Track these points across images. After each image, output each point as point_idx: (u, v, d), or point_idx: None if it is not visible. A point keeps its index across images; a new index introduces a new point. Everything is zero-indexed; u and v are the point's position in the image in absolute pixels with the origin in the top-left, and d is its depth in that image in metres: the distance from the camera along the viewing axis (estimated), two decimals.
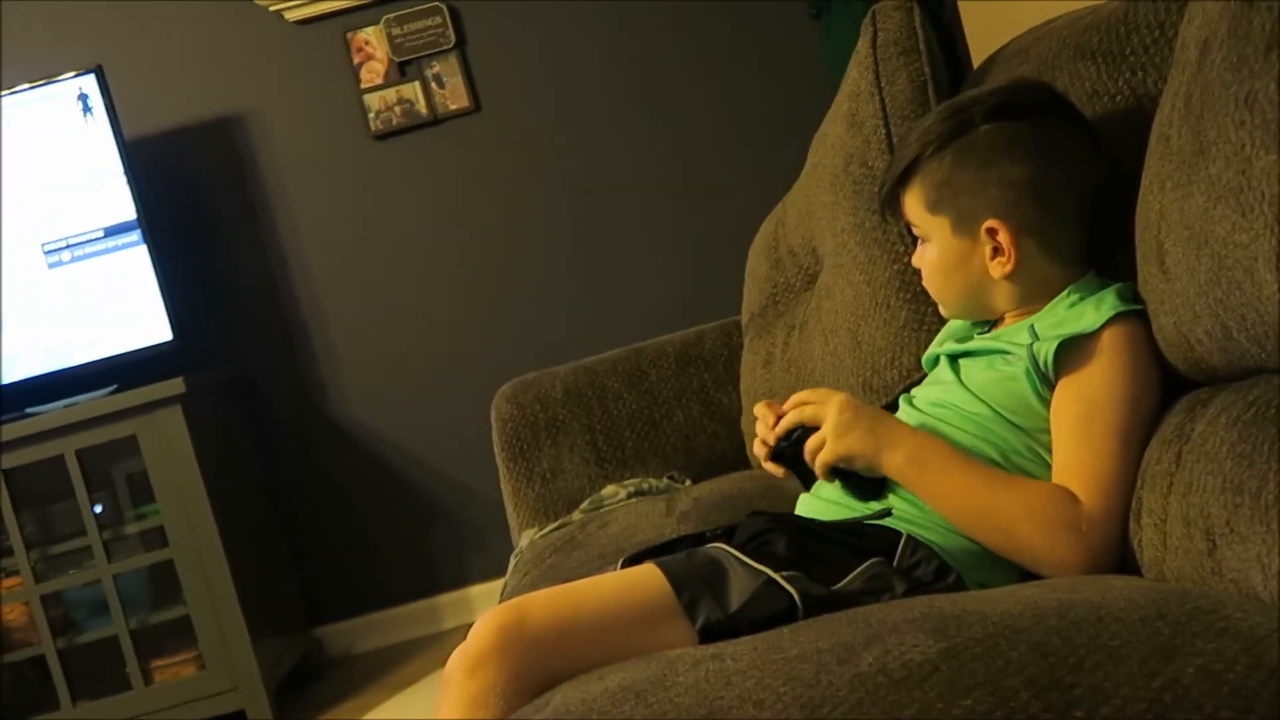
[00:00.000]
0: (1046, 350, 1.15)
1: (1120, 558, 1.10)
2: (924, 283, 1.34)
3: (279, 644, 3.07)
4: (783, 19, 3.30)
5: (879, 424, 1.21)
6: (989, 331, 1.29)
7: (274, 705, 2.85)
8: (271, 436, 3.39)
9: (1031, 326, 1.20)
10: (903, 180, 1.28)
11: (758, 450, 1.30)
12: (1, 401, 2.95)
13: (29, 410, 2.89)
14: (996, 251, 1.21)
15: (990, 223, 1.20)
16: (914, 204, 1.28)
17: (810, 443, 1.23)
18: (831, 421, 1.21)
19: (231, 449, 3.15)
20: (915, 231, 1.31)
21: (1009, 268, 1.21)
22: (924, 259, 1.31)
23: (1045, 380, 1.16)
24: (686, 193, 3.36)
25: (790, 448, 1.25)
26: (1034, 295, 1.23)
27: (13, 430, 2.79)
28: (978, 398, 1.21)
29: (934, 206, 1.25)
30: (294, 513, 3.39)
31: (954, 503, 1.15)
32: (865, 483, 1.21)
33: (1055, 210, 1.20)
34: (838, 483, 1.24)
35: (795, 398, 1.27)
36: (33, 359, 3.00)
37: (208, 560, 2.81)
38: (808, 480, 1.29)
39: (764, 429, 1.28)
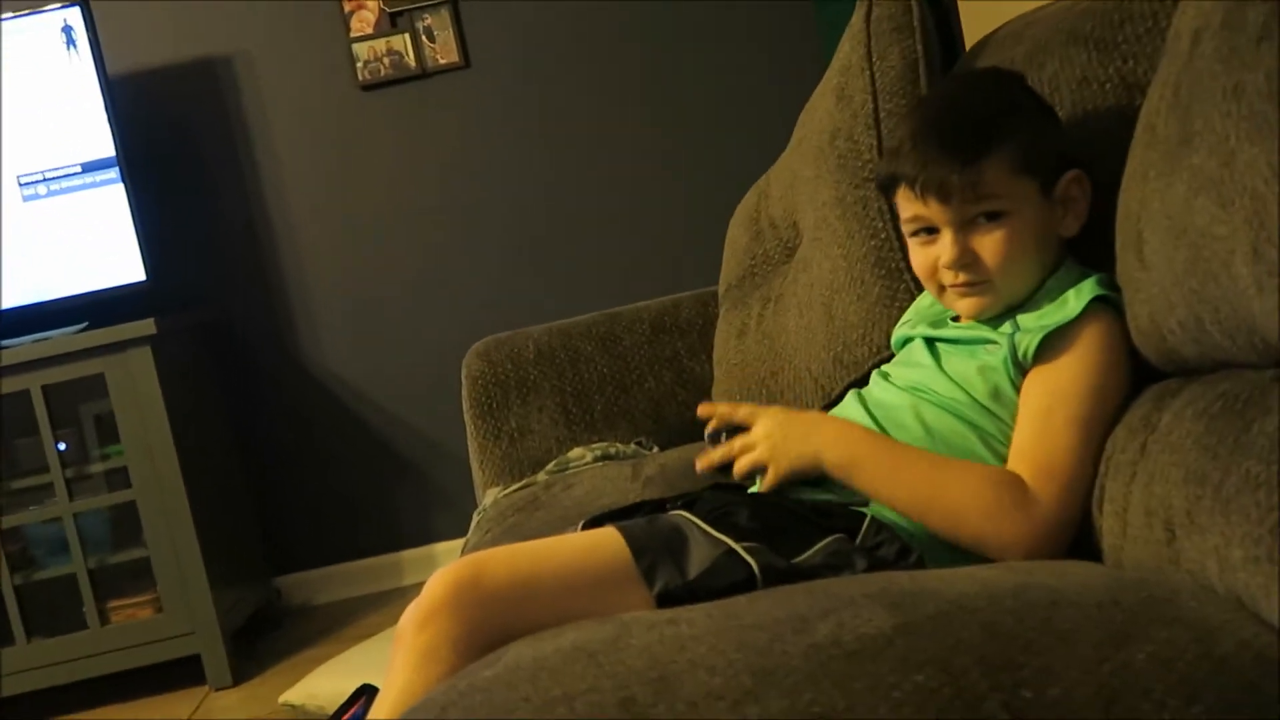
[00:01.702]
0: (1030, 342, 1.15)
1: (1068, 546, 1.10)
2: (983, 272, 1.19)
3: (238, 591, 3.06)
4: None
5: (810, 435, 1.21)
6: (957, 321, 1.29)
7: (230, 652, 2.85)
8: (242, 383, 3.37)
9: (1015, 319, 1.20)
10: (979, 151, 1.16)
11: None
12: None
13: None
14: (1067, 207, 1.19)
15: (1073, 173, 1.18)
16: (998, 172, 1.16)
17: (743, 452, 1.24)
18: (766, 447, 1.22)
19: (200, 393, 3.13)
20: (986, 206, 1.17)
21: (1084, 218, 1.18)
22: (989, 242, 1.18)
23: (1020, 370, 1.16)
24: (672, 161, 3.34)
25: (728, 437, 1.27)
26: (1055, 264, 1.21)
27: None
28: (957, 384, 1.21)
29: (1024, 169, 1.17)
30: (261, 460, 3.38)
31: (897, 493, 1.15)
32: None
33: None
34: None
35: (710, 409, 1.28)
36: (4, 292, 2.97)
37: (170, 503, 2.80)
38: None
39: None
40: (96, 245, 2.97)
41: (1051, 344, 1.14)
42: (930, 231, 1.23)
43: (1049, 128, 1.21)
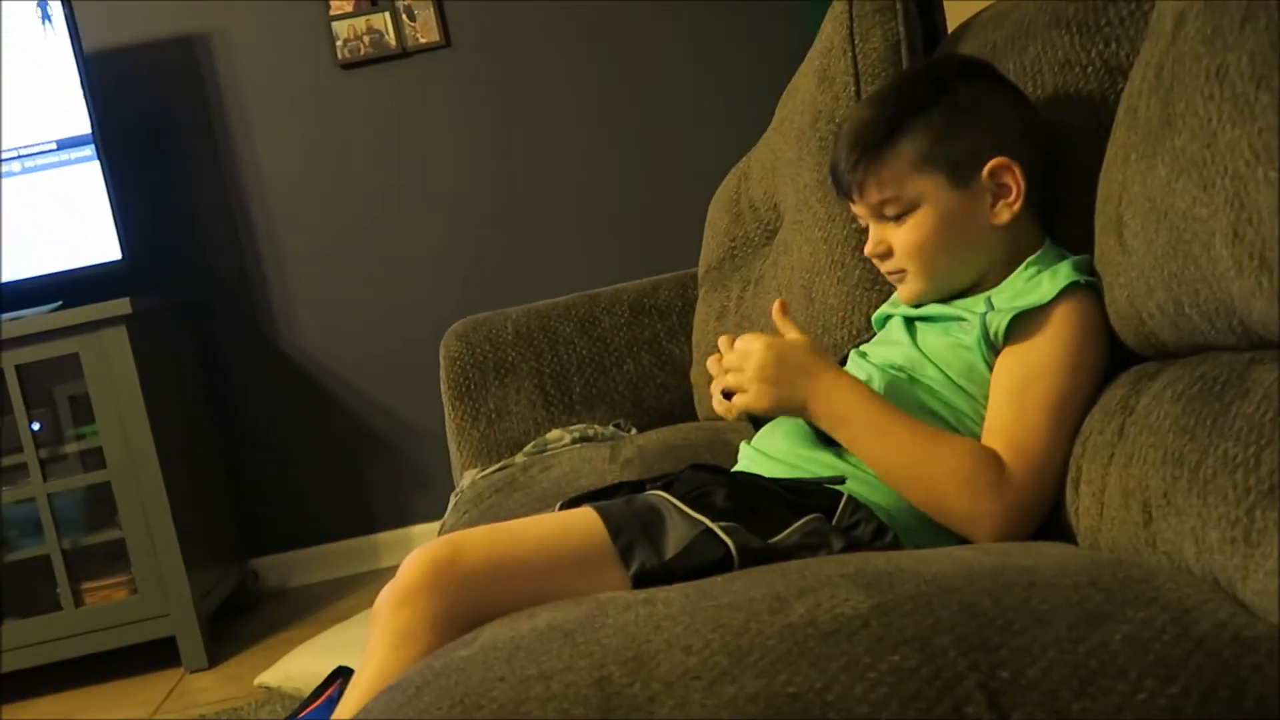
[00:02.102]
0: (999, 322, 1.15)
1: (1037, 526, 1.11)
2: (898, 262, 1.26)
3: (213, 573, 3.04)
4: None
5: (801, 377, 1.19)
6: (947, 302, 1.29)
7: (205, 634, 2.83)
8: (218, 363, 3.35)
9: (988, 298, 1.20)
10: (878, 148, 1.23)
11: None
12: None
13: None
14: (998, 195, 1.20)
15: (995, 161, 1.19)
16: (897, 170, 1.22)
17: (725, 383, 1.23)
18: (749, 381, 1.20)
19: (176, 374, 3.11)
20: (887, 208, 1.24)
21: (1019, 204, 1.19)
22: (911, 230, 1.23)
23: (993, 349, 1.16)
24: (652, 142, 3.33)
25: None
26: (1014, 256, 1.21)
27: None
28: (931, 361, 1.21)
29: (925, 163, 1.21)
30: (236, 442, 3.36)
31: (878, 456, 1.15)
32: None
33: (1037, 154, 1.21)
34: (790, 428, 1.24)
35: (729, 343, 1.26)
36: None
37: (145, 484, 2.78)
38: (757, 422, 1.29)
39: (715, 368, 1.27)
40: (72, 223, 2.94)
41: (1024, 324, 1.14)
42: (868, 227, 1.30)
43: (965, 120, 1.21)
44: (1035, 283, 1.16)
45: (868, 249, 1.29)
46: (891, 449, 1.15)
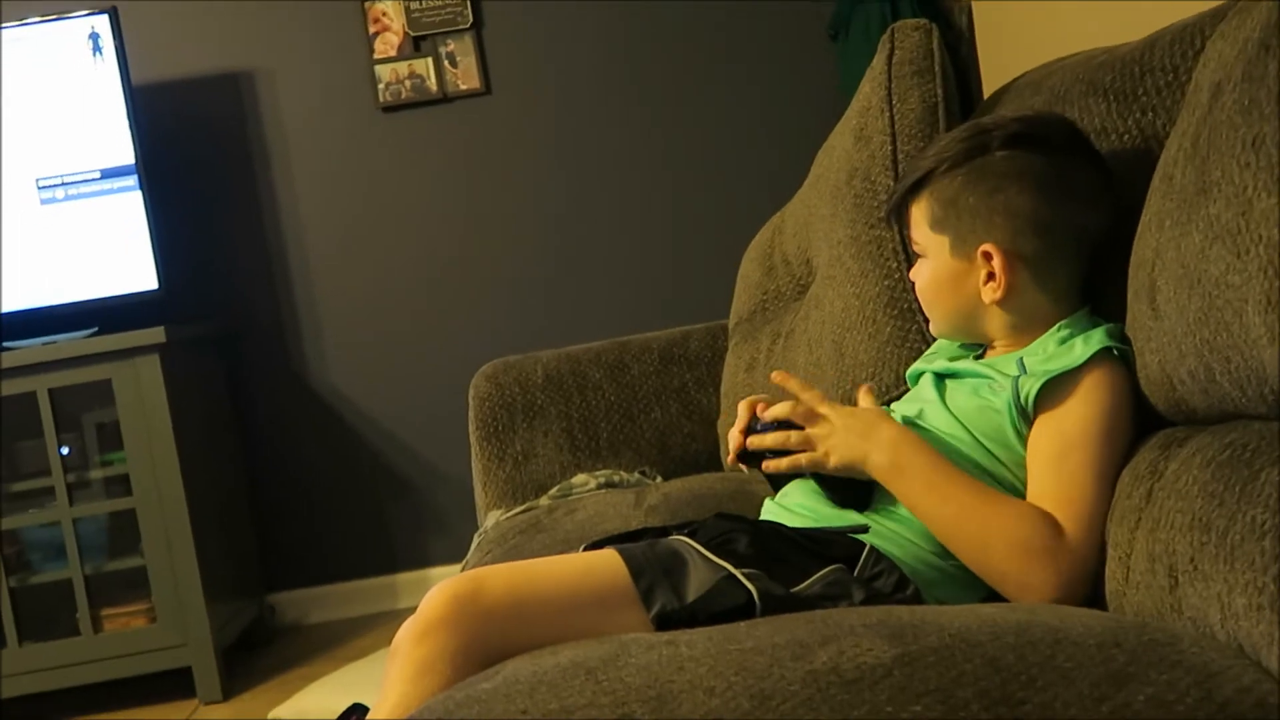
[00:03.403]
0: (1030, 387, 1.15)
1: (1089, 594, 1.09)
2: (918, 296, 1.35)
3: (232, 606, 3.05)
4: (801, 33, 3.31)
5: (867, 431, 1.20)
6: (983, 357, 1.29)
7: (221, 666, 2.83)
8: (247, 397, 3.38)
9: (1020, 359, 1.20)
10: (913, 191, 1.29)
11: (732, 441, 1.30)
12: None
13: (6, 345, 2.87)
14: (990, 277, 1.21)
15: (986, 247, 1.21)
16: (918, 218, 1.29)
17: (787, 442, 1.22)
18: (827, 430, 1.21)
19: (205, 405, 3.13)
20: (914, 247, 1.32)
21: (999, 295, 1.21)
22: (920, 273, 1.31)
23: (1024, 415, 1.16)
24: (688, 195, 3.36)
25: (764, 429, 1.24)
26: (1024, 326, 1.23)
27: None
28: (958, 421, 1.21)
29: (937, 224, 1.26)
30: (261, 475, 3.38)
31: (934, 510, 1.15)
32: (839, 485, 1.21)
33: (1055, 246, 1.20)
34: (807, 488, 1.24)
35: (791, 389, 1.27)
36: (15, 294, 2.98)
37: (169, 513, 2.80)
38: (776, 483, 1.29)
39: (739, 424, 1.28)
40: (111, 251, 2.98)
41: (1055, 390, 1.14)
42: None
43: (981, 194, 1.21)
44: (1068, 346, 1.17)
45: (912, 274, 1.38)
46: (947, 504, 1.14)
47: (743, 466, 1.30)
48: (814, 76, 3.30)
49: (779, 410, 1.24)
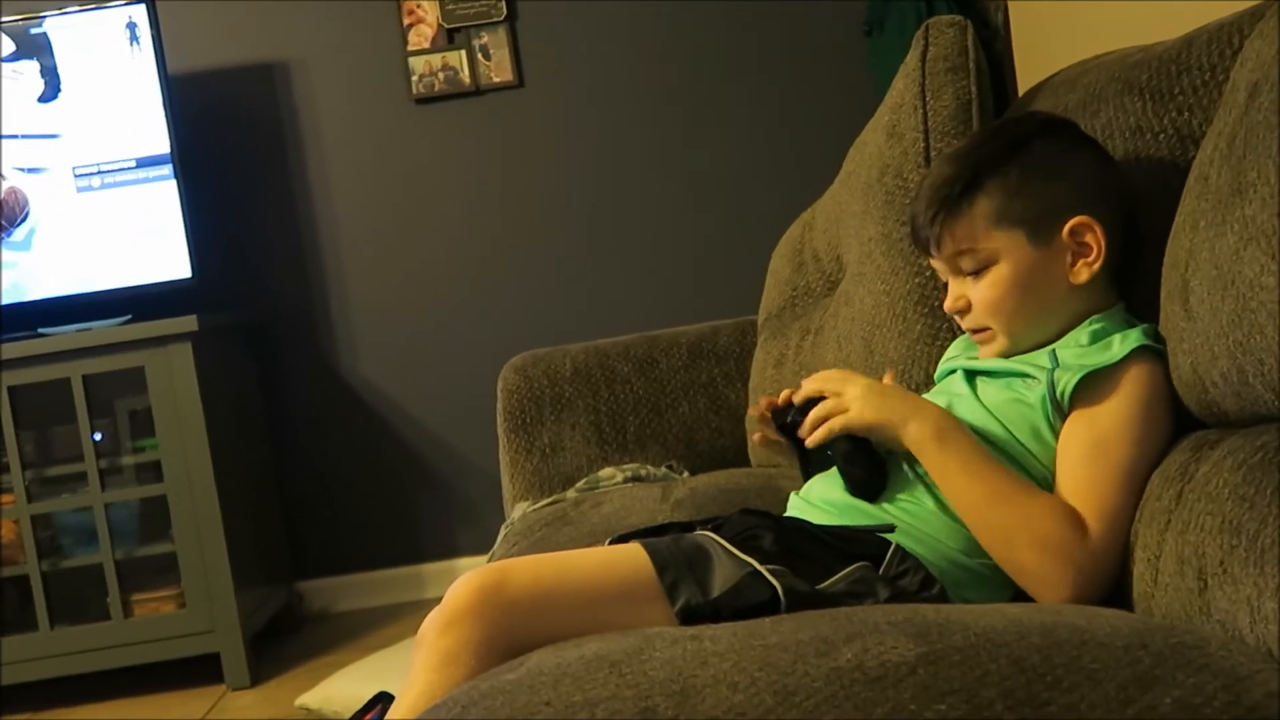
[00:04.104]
0: (1068, 381, 1.14)
1: (1110, 594, 1.09)
2: (978, 319, 1.25)
3: (260, 593, 3.07)
4: (835, 29, 3.30)
5: (908, 398, 1.21)
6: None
7: (249, 652, 2.86)
8: (277, 386, 3.40)
9: (1052, 352, 1.19)
10: (956, 204, 1.22)
11: (755, 418, 1.29)
12: (1, 321, 2.96)
13: (41, 331, 2.90)
14: (1078, 254, 1.19)
15: (1076, 220, 1.17)
16: (976, 224, 1.21)
17: (820, 408, 1.21)
18: (858, 390, 1.20)
19: (236, 393, 3.16)
20: (963, 262, 1.24)
21: (1098, 264, 1.17)
22: (977, 290, 1.23)
23: (1059, 409, 1.15)
24: (718, 189, 3.36)
25: (797, 415, 1.24)
26: (1088, 310, 1.21)
27: (22, 349, 2.80)
28: (993, 416, 1.20)
29: (1006, 218, 1.20)
30: (290, 464, 3.40)
31: (964, 488, 1.14)
32: (860, 466, 1.20)
33: (1119, 215, 1.20)
34: (828, 481, 1.24)
35: (817, 375, 1.27)
36: (51, 281, 3.01)
37: (200, 500, 2.82)
38: (807, 466, 1.29)
39: (765, 404, 1.28)
40: (145, 240, 3.01)
41: (1093, 386, 1.13)
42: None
43: (1045, 177, 1.20)
44: (1105, 343, 1.15)
45: (947, 305, 1.28)
46: (977, 484, 1.13)
47: (780, 439, 1.29)
48: (847, 72, 3.29)
49: (810, 385, 1.24)
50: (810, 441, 1.23)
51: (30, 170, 3.01)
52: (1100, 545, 1.08)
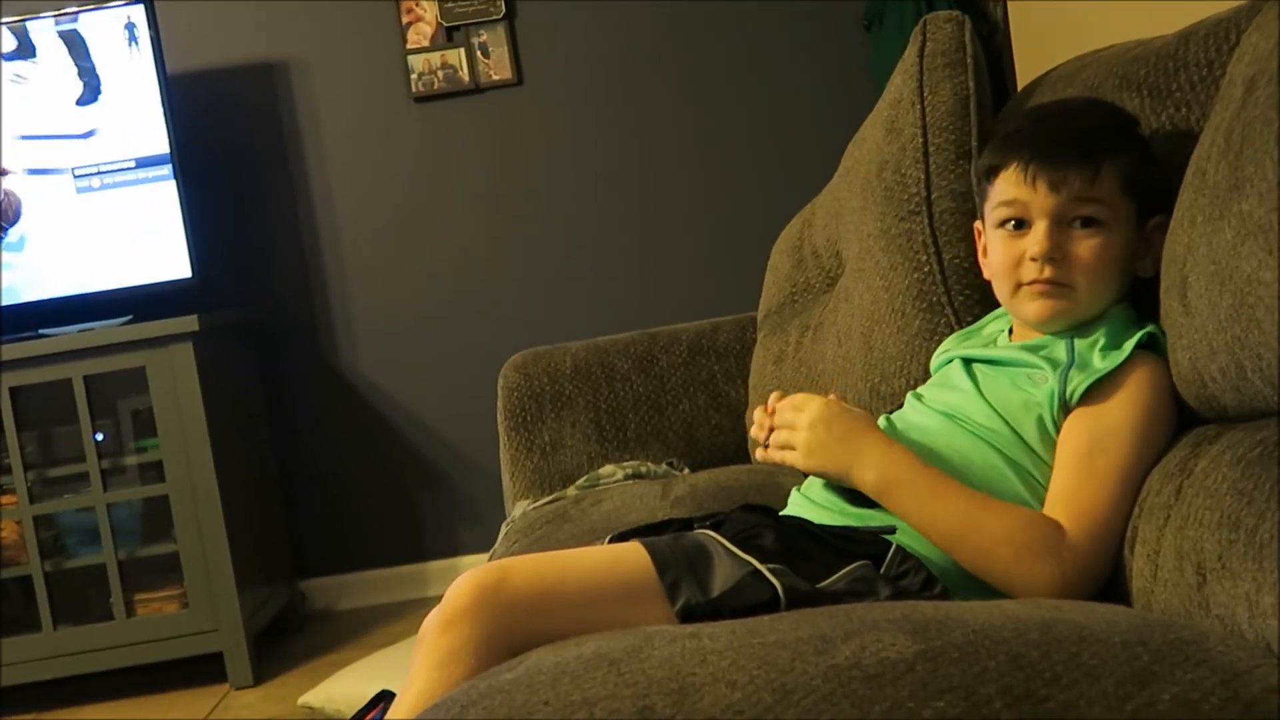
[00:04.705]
0: (1078, 385, 1.13)
1: (1097, 593, 1.08)
2: (1068, 274, 1.17)
3: (263, 592, 3.08)
4: (834, 25, 3.30)
5: (851, 440, 1.19)
6: (1011, 339, 1.28)
7: (252, 652, 2.86)
8: (279, 385, 3.40)
9: (1071, 344, 1.18)
10: (1117, 152, 1.16)
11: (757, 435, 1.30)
12: (2, 322, 2.96)
13: (42, 332, 2.90)
14: (1148, 249, 1.18)
15: (1159, 219, 1.16)
16: (1115, 182, 1.16)
17: (777, 436, 1.24)
18: (801, 439, 1.22)
19: (238, 392, 3.16)
20: (1088, 209, 1.16)
21: (1158, 267, 1.13)
22: (1084, 246, 1.17)
23: (1065, 408, 1.15)
24: (718, 186, 3.36)
25: None
26: (1116, 300, 1.20)
27: (24, 350, 2.81)
28: (996, 412, 1.19)
29: (1131, 189, 1.17)
30: (292, 463, 3.40)
31: (929, 522, 1.14)
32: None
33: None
34: (826, 485, 1.24)
35: (779, 405, 1.27)
36: (51, 282, 3.01)
37: (202, 500, 2.82)
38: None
39: (762, 417, 1.28)
40: (145, 240, 3.01)
41: (1099, 388, 1.13)
42: (1020, 226, 1.21)
43: (1153, 164, 1.19)
44: (1115, 342, 1.16)
45: (1043, 249, 1.17)
46: (943, 518, 1.13)
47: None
48: (846, 68, 3.29)
49: (778, 410, 1.26)
50: (759, 459, 1.26)
51: (34, 172, 3.01)
52: (1083, 544, 1.07)
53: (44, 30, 3.00)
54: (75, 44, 3.00)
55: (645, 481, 1.94)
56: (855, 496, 1.21)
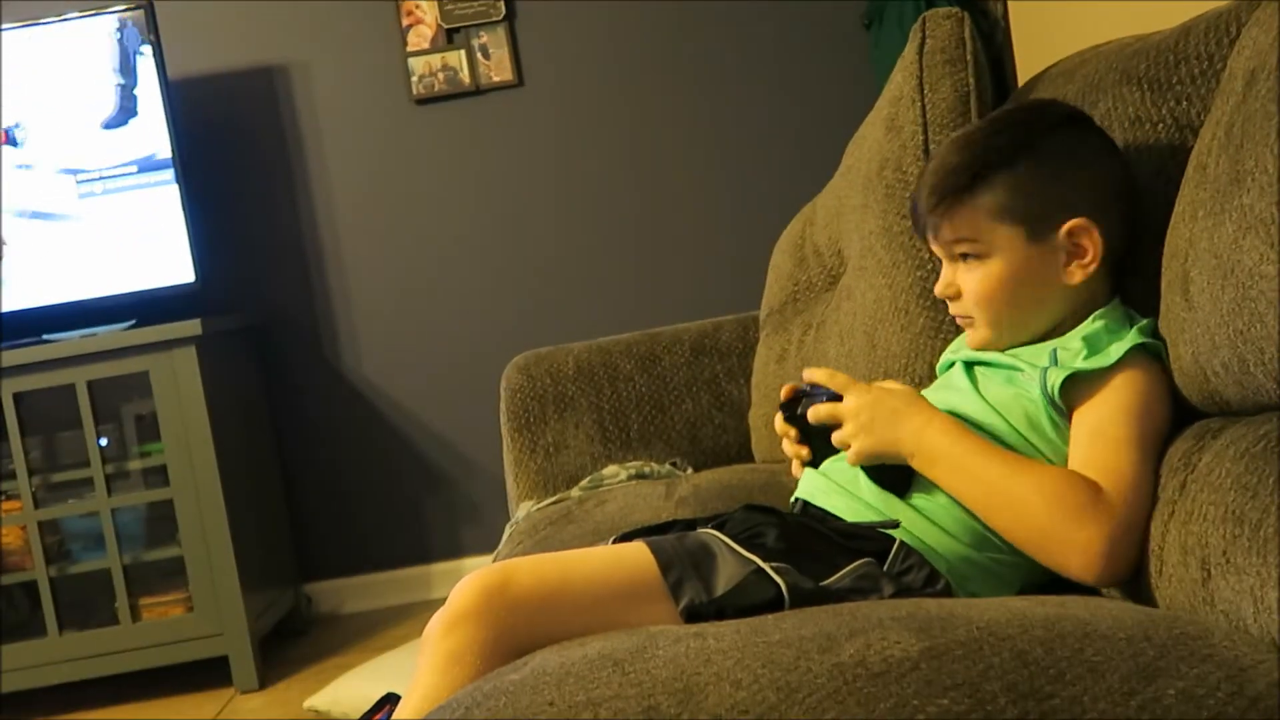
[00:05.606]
0: (1056, 379, 1.13)
1: (1136, 563, 1.05)
2: (966, 307, 1.25)
3: (268, 595, 3.08)
4: (834, 23, 3.30)
5: (899, 415, 1.19)
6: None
7: (258, 655, 2.86)
8: (282, 388, 3.40)
9: (1053, 350, 1.19)
10: (959, 194, 1.21)
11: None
12: (2, 328, 2.97)
13: (45, 337, 2.91)
14: (1073, 255, 1.18)
15: (1074, 222, 1.16)
16: (976, 216, 1.21)
17: (835, 438, 1.23)
18: (852, 428, 1.20)
19: (241, 396, 3.16)
20: (960, 249, 1.23)
21: (1093, 266, 1.16)
22: (978, 277, 1.22)
23: (1056, 407, 1.15)
24: (719, 185, 3.36)
25: (806, 404, 1.26)
26: (1082, 310, 1.20)
27: (27, 355, 2.81)
28: (994, 410, 1.19)
29: (1008, 214, 1.19)
30: (296, 466, 3.41)
31: (970, 486, 1.13)
32: (890, 475, 1.20)
33: (1122, 214, 1.19)
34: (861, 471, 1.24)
35: (814, 375, 1.27)
36: (54, 287, 3.01)
37: (206, 504, 2.82)
38: (817, 455, 1.29)
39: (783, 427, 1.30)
40: (148, 245, 3.01)
41: (1086, 387, 1.13)
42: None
43: (1051, 175, 1.19)
44: (1102, 343, 1.15)
45: (938, 289, 1.28)
46: (982, 477, 1.12)
47: (790, 431, 1.29)
48: (847, 66, 3.29)
49: (818, 374, 1.25)
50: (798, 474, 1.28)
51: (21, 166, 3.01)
52: (1119, 504, 1.05)
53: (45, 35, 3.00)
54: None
55: (649, 482, 1.94)
56: (879, 478, 1.21)
